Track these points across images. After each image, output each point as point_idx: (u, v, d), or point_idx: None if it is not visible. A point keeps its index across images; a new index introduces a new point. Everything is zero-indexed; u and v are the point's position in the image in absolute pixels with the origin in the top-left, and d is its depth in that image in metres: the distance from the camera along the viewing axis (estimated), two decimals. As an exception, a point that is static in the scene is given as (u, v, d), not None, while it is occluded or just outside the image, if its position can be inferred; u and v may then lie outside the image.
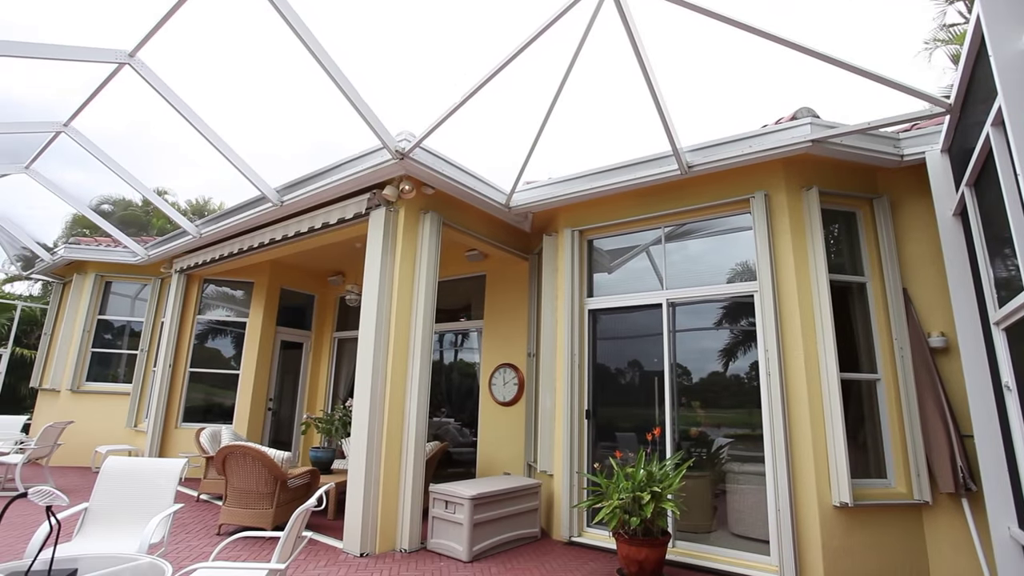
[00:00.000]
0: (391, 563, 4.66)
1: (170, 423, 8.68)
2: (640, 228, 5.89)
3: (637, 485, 4.34)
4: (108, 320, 10.35)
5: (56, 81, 6.17)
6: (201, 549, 4.86)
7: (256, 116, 7.99)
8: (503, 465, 6.92)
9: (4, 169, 7.95)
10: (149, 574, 2.79)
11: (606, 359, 6.05)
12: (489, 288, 7.72)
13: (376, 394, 5.15)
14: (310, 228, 6.32)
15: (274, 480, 5.26)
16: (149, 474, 3.86)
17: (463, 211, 6.19)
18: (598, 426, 5.82)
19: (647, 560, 4.22)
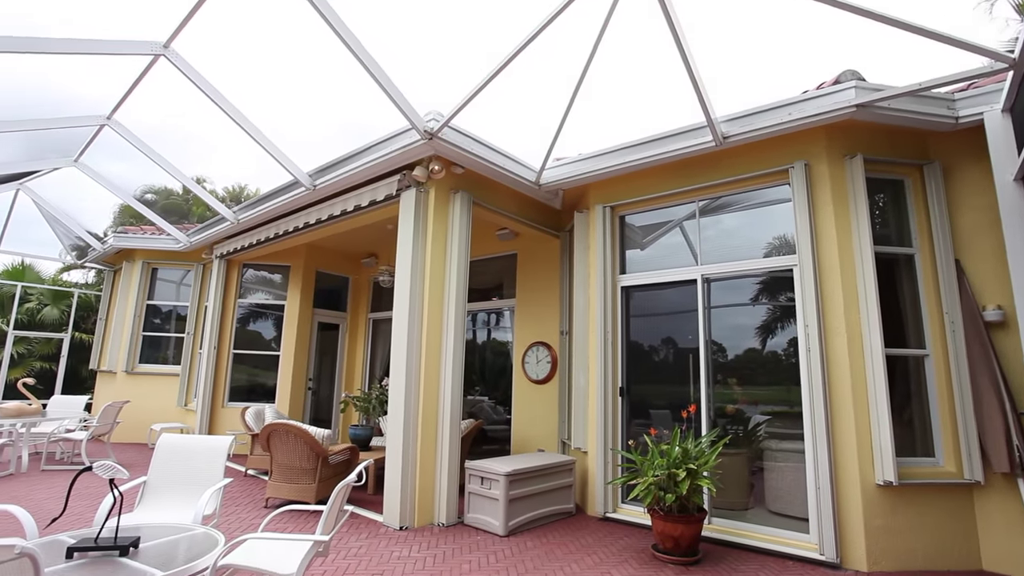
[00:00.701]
0: (429, 536, 4.79)
1: (217, 402, 9.08)
2: (673, 203, 5.75)
3: (672, 462, 4.32)
4: (156, 305, 10.82)
5: (97, 76, 6.37)
6: (250, 520, 5.11)
7: (286, 102, 8.12)
8: (537, 442, 6.99)
9: (55, 163, 8.33)
10: (204, 543, 2.94)
11: (639, 336, 5.99)
12: (520, 267, 7.71)
13: (411, 373, 5.25)
14: (342, 211, 6.41)
15: (315, 456, 5.45)
16: (200, 450, 4.05)
17: (493, 190, 6.16)
18: (632, 404, 5.80)
19: (682, 536, 4.22)
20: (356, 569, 3.95)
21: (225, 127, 6.20)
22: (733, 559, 4.36)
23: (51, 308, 14.41)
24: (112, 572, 2.49)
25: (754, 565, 4.22)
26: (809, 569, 4.14)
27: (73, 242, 12.20)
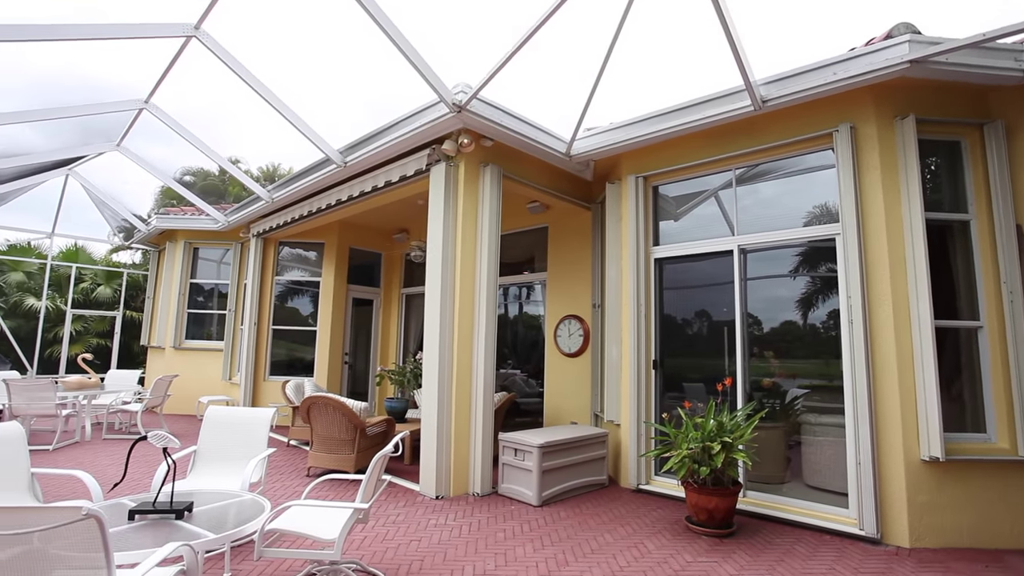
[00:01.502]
0: (465, 505, 4.91)
1: (259, 376, 9.44)
2: (708, 171, 5.56)
3: (707, 435, 4.28)
4: (198, 283, 11.23)
5: (132, 61, 6.51)
6: (293, 488, 5.34)
7: (315, 80, 8.15)
8: (570, 415, 7.03)
9: (100, 148, 8.62)
10: (252, 508, 3.09)
11: (673, 309, 5.90)
12: (552, 240, 7.65)
13: (444, 347, 5.32)
14: (373, 187, 6.45)
15: (353, 428, 5.62)
16: (245, 422, 4.22)
17: (523, 162, 6.09)
18: (665, 377, 5.75)
19: (716, 509, 4.21)
20: (395, 535, 4.09)
21: (256, 107, 6.28)
22: (768, 532, 4.33)
23: (104, 288, 15.14)
24: (169, 534, 2.65)
25: (790, 538, 4.19)
26: (848, 544, 4.08)
27: (120, 224, 12.70)
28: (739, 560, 3.73)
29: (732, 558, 3.76)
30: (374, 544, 3.90)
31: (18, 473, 3.29)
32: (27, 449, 3.40)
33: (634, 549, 3.92)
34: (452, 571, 3.46)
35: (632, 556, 3.78)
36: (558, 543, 4.02)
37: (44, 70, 6.71)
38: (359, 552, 3.73)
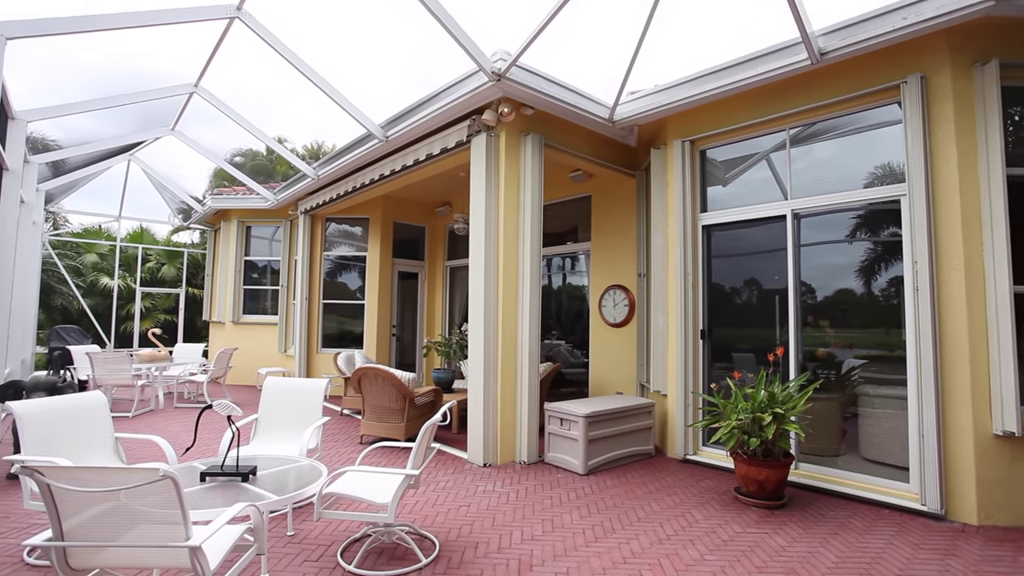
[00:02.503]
0: (512, 473, 5.02)
1: (312, 348, 9.84)
2: (759, 133, 5.28)
3: (757, 406, 4.18)
4: (252, 261, 11.71)
5: (180, 46, 6.69)
6: (347, 455, 5.59)
7: (352, 54, 8.13)
8: (615, 385, 7.01)
9: (156, 133, 9.00)
10: (310, 473, 3.26)
11: (721, 278, 5.72)
12: (595, 209, 7.51)
13: (489, 318, 5.36)
14: (415, 161, 6.48)
15: (403, 398, 5.80)
16: (300, 392, 4.42)
17: (564, 130, 5.95)
18: (713, 347, 5.62)
19: (767, 480, 4.13)
20: (444, 500, 4.24)
21: (299, 85, 6.37)
22: (821, 505, 4.23)
23: (167, 267, 16.03)
24: (236, 495, 2.83)
25: (845, 512, 4.08)
26: (908, 519, 3.94)
27: (179, 205, 13.33)
28: (790, 532, 3.67)
29: (783, 530, 3.71)
30: (425, 508, 4.05)
31: (104, 437, 3.58)
32: (110, 416, 3.68)
33: (681, 518, 3.91)
34: (500, 536, 3.56)
35: (679, 525, 3.78)
36: (604, 511, 4.06)
37: (100, 61, 7.00)
38: (411, 516, 3.89)
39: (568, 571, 3.07)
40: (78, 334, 12.18)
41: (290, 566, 3.07)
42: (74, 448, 3.32)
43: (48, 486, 1.96)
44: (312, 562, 3.13)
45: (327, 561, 3.14)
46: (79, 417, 3.50)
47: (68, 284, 13.68)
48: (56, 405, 3.43)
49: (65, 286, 13.80)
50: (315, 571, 3.02)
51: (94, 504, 2.02)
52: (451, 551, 3.31)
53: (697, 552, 3.33)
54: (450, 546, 3.39)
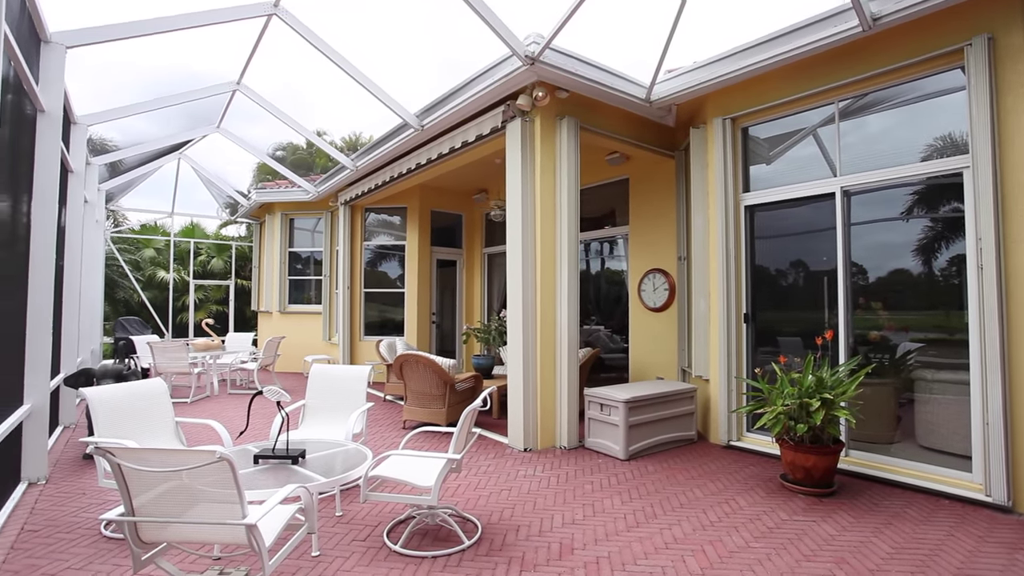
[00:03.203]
0: (552, 458, 5.05)
1: (354, 336, 10.10)
2: (806, 107, 5.05)
3: (805, 391, 4.05)
4: (296, 252, 12.07)
5: (222, 46, 6.90)
6: (391, 439, 5.74)
7: (387, 44, 8.22)
8: (656, 370, 6.92)
9: (203, 131, 9.35)
10: (356, 457, 3.37)
11: (765, 259, 5.54)
12: (633, 192, 7.37)
13: (527, 304, 5.37)
14: (451, 148, 6.50)
15: (443, 384, 5.90)
16: (345, 378, 4.56)
17: (600, 112, 5.85)
18: (758, 330, 5.47)
19: (815, 467, 4.01)
20: (486, 484, 4.31)
21: (335, 78, 6.47)
22: (874, 493, 4.08)
23: (217, 259, 16.73)
24: (287, 477, 2.96)
25: (899, 501, 3.92)
26: (970, 510, 3.75)
27: (226, 200, 13.85)
28: (840, 520, 3.56)
29: (832, 518, 3.60)
30: (467, 492, 4.13)
31: (166, 421, 3.80)
32: (170, 401, 3.90)
33: (725, 505, 3.85)
34: (542, 520, 3.60)
35: (723, 512, 3.73)
36: (646, 496, 4.04)
37: (148, 64, 7.30)
38: (454, 499, 3.97)
39: (610, 555, 3.08)
40: (139, 325, 12.91)
41: (339, 545, 3.20)
42: (140, 431, 3.54)
43: (119, 466, 2.09)
44: (360, 541, 3.25)
45: (374, 541, 3.25)
46: (143, 402, 3.72)
47: (129, 278, 14.49)
48: (123, 391, 3.66)
49: (126, 280, 14.62)
50: (363, 550, 3.13)
51: (159, 483, 2.15)
52: (493, 533, 3.37)
53: (742, 539, 3.28)
54: (492, 529, 3.45)
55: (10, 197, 3.70)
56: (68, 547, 3.18)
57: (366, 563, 2.97)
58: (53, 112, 4.49)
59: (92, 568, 2.92)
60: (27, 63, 3.86)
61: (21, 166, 4.08)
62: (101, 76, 6.94)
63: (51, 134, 4.50)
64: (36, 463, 4.33)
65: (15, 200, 3.91)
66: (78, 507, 3.82)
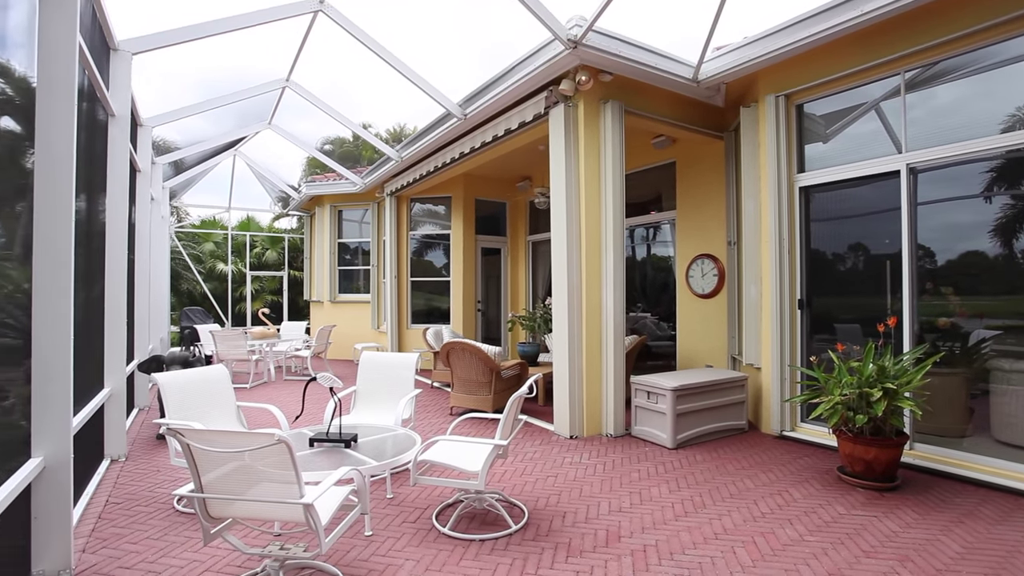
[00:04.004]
0: (598, 445, 5.04)
1: (402, 324, 10.34)
2: (867, 80, 4.74)
3: (865, 381, 3.86)
4: (345, 243, 12.42)
5: (271, 45, 7.12)
6: (438, 425, 5.86)
7: (428, 35, 8.28)
8: (704, 358, 6.76)
9: (255, 128, 9.72)
10: (405, 442, 3.46)
11: (821, 243, 5.28)
12: (680, 175, 7.17)
13: (573, 292, 5.35)
14: (493, 137, 6.50)
15: (489, 371, 5.97)
16: (394, 365, 4.68)
17: (645, 94, 5.70)
18: (813, 317, 5.24)
19: (876, 460, 3.83)
20: (532, 471, 4.34)
21: (378, 72, 6.59)
22: (942, 490, 3.86)
23: (271, 251, 17.45)
24: (341, 459, 3.07)
25: (972, 499, 3.69)
26: (1051, 505, 3.50)
27: (278, 194, 14.39)
28: (904, 517, 3.39)
29: (895, 514, 3.44)
30: (513, 478, 4.18)
31: (228, 405, 4.02)
32: (232, 386, 4.12)
33: (778, 496, 3.74)
34: (588, 506, 3.60)
35: (775, 503, 3.62)
36: (694, 486, 3.97)
37: (203, 66, 7.64)
38: (500, 484, 4.03)
39: (657, 544, 3.05)
40: (202, 314, 13.67)
41: (390, 526, 3.31)
42: (205, 414, 3.76)
43: (188, 446, 2.24)
44: (410, 523, 3.35)
45: (423, 523, 3.35)
46: (208, 387, 3.95)
47: (192, 270, 15.33)
48: (190, 377, 3.89)
49: (189, 272, 15.48)
50: (413, 531, 3.23)
51: (224, 463, 2.28)
52: (540, 519, 3.40)
53: (795, 532, 3.18)
54: (538, 514, 3.48)
55: (87, 197, 3.96)
56: (146, 519, 3.44)
57: (416, 544, 3.06)
58: (122, 116, 4.77)
59: (167, 539, 3.15)
60: (99, 71, 4.11)
61: (96, 168, 4.36)
62: (161, 80, 7.31)
63: (121, 137, 4.79)
64: (116, 442, 4.68)
65: (91, 199, 4.19)
66: (153, 483, 4.11)
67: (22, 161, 2.69)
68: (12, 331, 2.61)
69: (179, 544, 3.09)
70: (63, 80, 2.73)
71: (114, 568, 2.83)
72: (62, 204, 2.69)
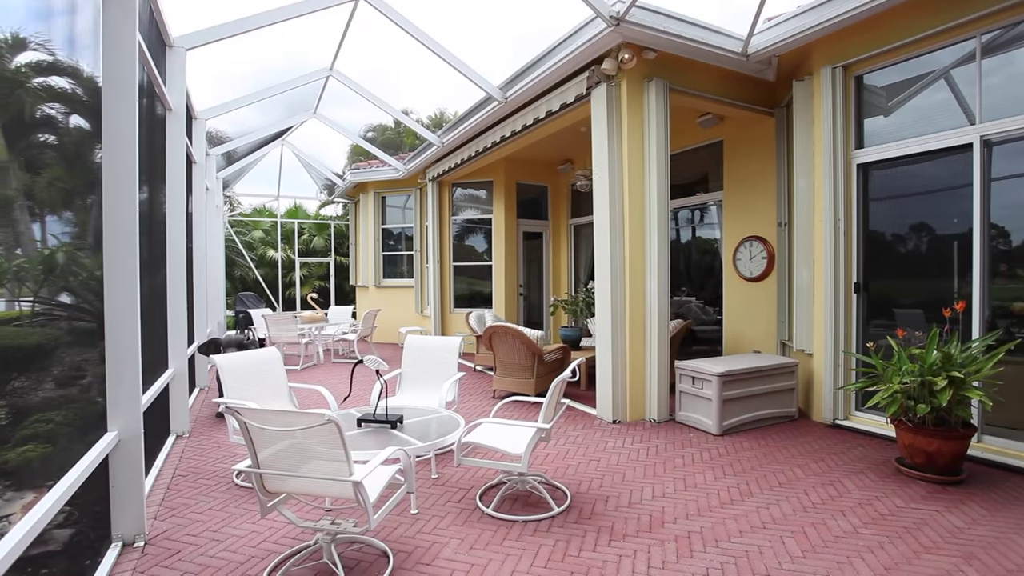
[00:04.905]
0: (641, 431, 4.99)
1: (445, 308, 10.49)
2: (937, 45, 4.41)
3: (928, 368, 3.66)
4: (388, 229, 12.65)
5: (314, 35, 7.24)
6: (481, 408, 5.95)
7: (465, 19, 8.22)
8: (751, 343, 6.57)
9: (302, 117, 9.96)
10: (449, 423, 3.53)
11: (880, 223, 5.00)
12: (727, 155, 6.91)
13: (615, 276, 5.28)
14: (535, 119, 6.44)
15: (532, 355, 5.99)
16: (437, 349, 4.77)
17: (691, 71, 5.50)
18: (870, 301, 4.99)
19: (939, 452, 3.64)
20: (574, 454, 4.36)
21: (418, 58, 6.62)
22: (1014, 486, 3.62)
23: (318, 238, 17.98)
24: (387, 440, 3.17)
25: (1046, 491, 3.47)
26: None
27: (324, 182, 14.78)
28: (970, 512, 3.21)
29: (960, 508, 3.26)
30: (556, 461, 4.20)
31: (280, 386, 4.20)
32: (284, 368, 4.30)
33: (830, 487, 3.62)
34: (631, 491, 3.59)
35: (827, 494, 3.50)
36: (741, 473, 3.89)
37: (251, 58, 7.85)
38: (543, 467, 4.06)
39: (702, 530, 3.02)
40: (254, 299, 14.27)
41: (435, 505, 3.40)
42: (260, 394, 3.94)
43: (245, 424, 2.35)
44: (455, 503, 3.43)
45: (467, 503, 3.42)
46: (262, 369, 4.13)
47: (244, 257, 15.99)
48: (245, 358, 4.08)
49: (242, 259, 16.16)
50: (457, 511, 3.31)
51: (278, 440, 2.39)
52: (582, 502, 3.42)
53: (849, 524, 3.07)
54: (581, 498, 3.49)
55: (148, 189, 4.18)
56: (208, 491, 3.66)
57: (460, 523, 3.14)
58: (179, 110, 4.98)
59: (228, 510, 3.34)
60: (156, 67, 4.30)
61: (156, 161, 4.58)
62: (212, 73, 7.57)
63: (178, 130, 5.01)
64: (180, 419, 4.98)
65: (152, 191, 4.41)
66: (214, 458, 4.36)
67: (91, 157, 2.85)
68: (88, 315, 2.80)
69: (239, 515, 3.27)
70: (125, 78, 2.86)
71: (182, 535, 3.03)
72: (127, 196, 2.85)
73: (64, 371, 2.56)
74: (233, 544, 2.92)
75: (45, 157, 2.53)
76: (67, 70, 2.59)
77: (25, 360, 2.15)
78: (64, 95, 2.61)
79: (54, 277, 2.56)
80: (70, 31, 2.61)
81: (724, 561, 2.69)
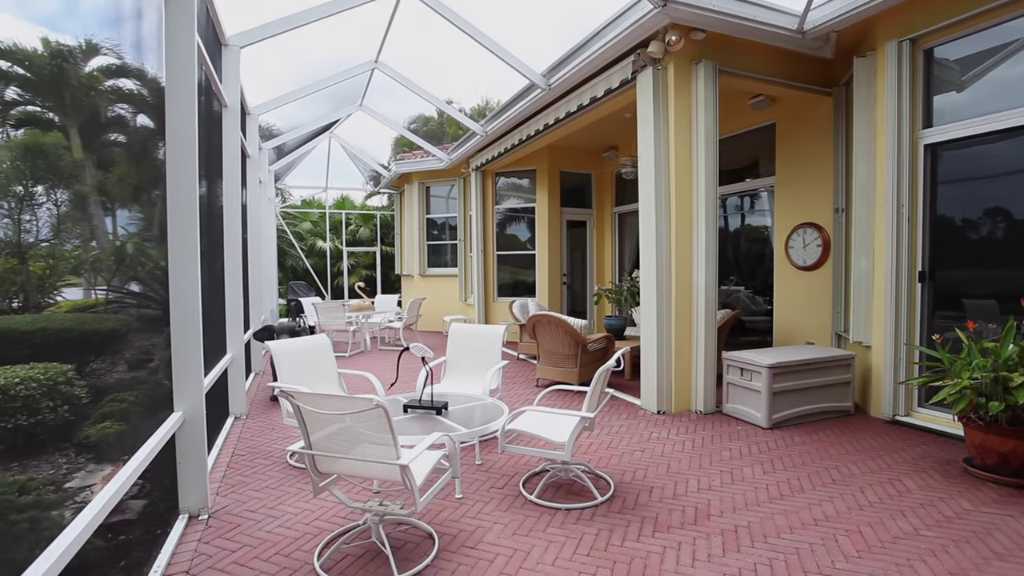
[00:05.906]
0: (687, 422, 4.91)
1: (488, 297, 10.57)
2: (1021, 11, 4.05)
3: (1003, 364, 3.42)
4: (432, 218, 12.81)
5: (359, 28, 7.35)
6: (524, 396, 5.98)
7: (505, 11, 8.15)
8: (804, 334, 6.32)
9: (348, 110, 10.19)
10: (493, 411, 3.58)
11: (949, 208, 4.68)
12: (780, 138, 6.62)
13: (661, 264, 5.18)
14: (579, 106, 6.35)
15: (575, 344, 5.97)
16: (481, 337, 4.82)
17: (741, 51, 5.28)
18: (936, 291, 4.69)
19: (1013, 453, 3.40)
20: (618, 444, 4.33)
21: (461, 48, 6.62)
22: (1097, 486, 3.37)
23: (364, 228, 18.41)
24: (433, 425, 3.24)
25: None
26: None
27: (370, 174, 15.09)
28: (1046, 514, 3.01)
29: (1035, 510, 3.06)
30: (599, 451, 4.19)
31: (330, 371, 4.36)
32: (333, 355, 4.45)
33: (888, 485, 3.46)
34: (675, 483, 3.54)
35: (885, 492, 3.35)
36: (791, 468, 3.77)
37: (299, 54, 8.06)
38: (586, 456, 4.06)
39: (749, 525, 2.95)
40: (305, 288, 14.81)
41: (479, 491, 3.46)
42: (311, 379, 4.10)
43: (298, 407, 2.46)
44: (498, 489, 3.48)
45: (511, 490, 3.46)
46: (313, 355, 4.29)
47: (295, 247, 16.59)
48: (297, 345, 4.25)
49: (293, 249, 16.77)
50: (501, 497, 3.35)
51: (329, 423, 2.49)
52: (625, 492, 3.40)
53: (909, 524, 2.93)
54: (624, 488, 3.48)
55: (207, 183, 4.39)
56: (265, 470, 3.85)
57: (504, 509, 3.18)
58: (233, 106, 5.18)
59: (283, 489, 3.51)
60: (213, 66, 4.48)
61: (213, 156, 4.80)
62: (263, 69, 7.83)
63: (233, 126, 5.22)
64: (238, 401, 5.25)
65: (210, 184, 4.63)
66: (270, 439, 4.58)
67: (155, 153, 3.02)
68: (154, 303, 2.98)
69: (293, 494, 3.43)
70: (186, 78, 3.00)
71: (242, 510, 3.21)
72: (189, 190, 3.00)
73: (135, 355, 2.75)
74: (288, 521, 3.07)
75: (115, 155, 2.70)
76: (134, 72, 2.74)
77: (101, 344, 2.31)
78: (131, 96, 2.76)
79: (124, 267, 2.74)
80: (136, 35, 2.76)
81: (773, 557, 2.62)
